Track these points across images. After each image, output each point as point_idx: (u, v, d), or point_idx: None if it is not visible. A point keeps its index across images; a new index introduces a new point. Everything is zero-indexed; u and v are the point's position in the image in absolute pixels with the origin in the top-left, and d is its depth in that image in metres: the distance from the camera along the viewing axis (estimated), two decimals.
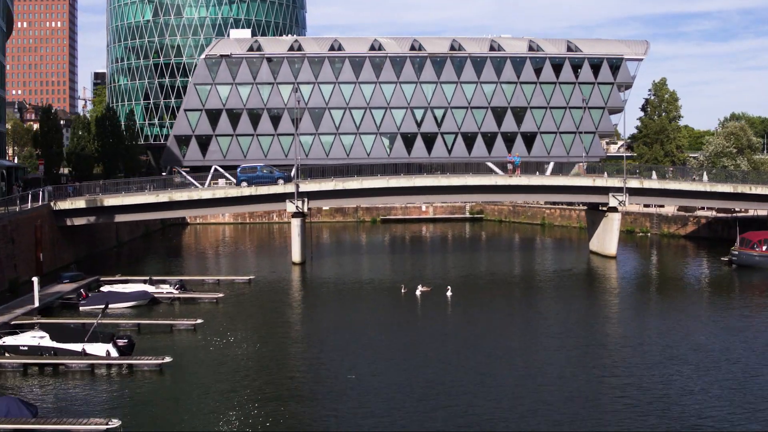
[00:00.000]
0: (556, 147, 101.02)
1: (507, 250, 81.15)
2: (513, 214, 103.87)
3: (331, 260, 72.73)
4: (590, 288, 56.41)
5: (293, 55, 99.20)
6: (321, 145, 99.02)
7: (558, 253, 76.41)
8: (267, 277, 61.15)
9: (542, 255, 75.20)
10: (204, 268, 67.98)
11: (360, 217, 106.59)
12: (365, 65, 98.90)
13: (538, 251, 78.31)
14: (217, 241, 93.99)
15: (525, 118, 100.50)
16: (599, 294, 53.42)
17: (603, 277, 60.44)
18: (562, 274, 61.42)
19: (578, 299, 51.27)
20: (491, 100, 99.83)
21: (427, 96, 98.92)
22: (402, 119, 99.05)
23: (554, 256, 73.48)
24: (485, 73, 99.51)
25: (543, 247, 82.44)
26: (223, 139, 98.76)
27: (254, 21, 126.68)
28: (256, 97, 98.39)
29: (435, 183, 66.34)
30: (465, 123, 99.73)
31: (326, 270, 65.65)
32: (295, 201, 65.92)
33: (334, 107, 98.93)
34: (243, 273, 60.47)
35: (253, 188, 67.45)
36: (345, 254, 78.96)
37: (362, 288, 56.28)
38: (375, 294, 53.31)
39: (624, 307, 48.90)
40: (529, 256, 74.24)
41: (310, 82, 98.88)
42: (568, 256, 73.93)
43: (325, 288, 57.17)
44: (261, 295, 53.32)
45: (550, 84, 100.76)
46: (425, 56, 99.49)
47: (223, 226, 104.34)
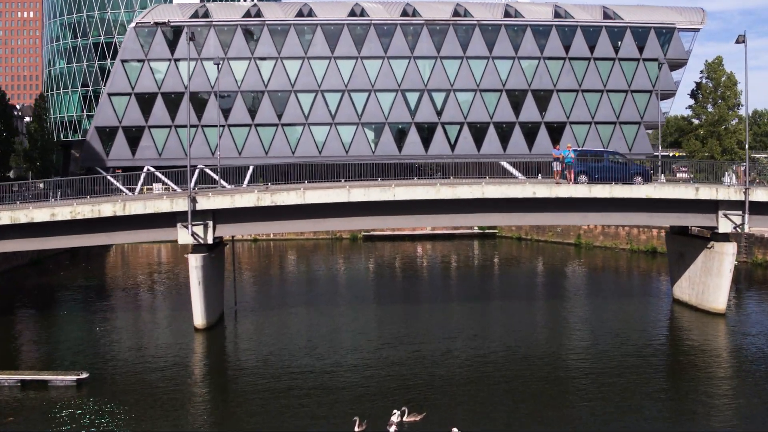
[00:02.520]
0: (590, 141, 74.68)
1: (533, 292, 48.70)
2: (536, 229, 73.44)
3: (269, 316, 40.23)
4: (699, 397, 26.61)
5: (249, 23, 73.15)
6: (285, 139, 72.73)
7: (615, 301, 44.10)
8: (124, 366, 30.82)
9: (590, 306, 42.66)
10: (33, 341, 36.13)
11: (335, 233, 77.38)
12: (343, 35, 72.79)
13: (580, 297, 45.78)
14: (116, 276, 58.54)
15: (550, 105, 73.85)
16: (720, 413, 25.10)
17: (718, 366, 30.39)
18: (641, 359, 30.78)
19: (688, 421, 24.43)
20: (507, 81, 73.31)
21: (423, 75, 72.54)
22: (391, 106, 72.67)
23: (611, 309, 41.38)
24: (499, 46, 73.11)
25: (586, 286, 49.96)
26: (158, 132, 72.70)
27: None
28: (201, 77, 72.19)
29: (431, 196, 34.38)
30: (473, 111, 73.08)
31: (251, 341, 35.34)
32: (189, 225, 34.43)
33: (302, 90, 72.44)
34: (83, 358, 31.41)
35: (119, 203, 34.99)
36: (297, 302, 44.32)
37: (301, 396, 26.47)
38: (325, 411, 25.20)
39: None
40: (570, 308, 41.78)
41: (271, 57, 72.60)
42: (633, 307, 42.22)
43: (230, 394, 27.79)
44: (76, 418, 24.48)
45: (583, 60, 74.24)
46: (421, 23, 73.38)
47: (158, 246, 78.60)
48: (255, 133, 71.81)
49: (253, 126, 71.73)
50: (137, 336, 36.57)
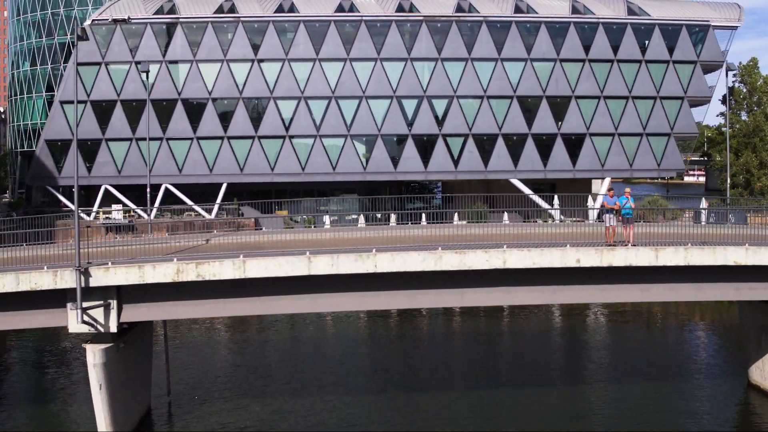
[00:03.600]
0: (614, 156, 63.49)
1: (553, 365, 35.24)
2: None
3: (214, 410, 28.08)
4: None
5: (222, 20, 61.99)
6: (263, 154, 61.30)
7: (661, 380, 31.32)
8: None
9: (616, 387, 30.81)
10: None
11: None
12: (329, 34, 61.39)
13: (605, 372, 33.44)
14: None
15: (567, 114, 62.32)
16: None
17: None
18: None
19: None
20: (518, 86, 61.97)
21: (422, 80, 61.14)
22: (384, 115, 61.19)
23: (654, 393, 29.39)
24: (509, 45, 61.67)
25: (613, 354, 37.17)
26: (117, 146, 61.54)
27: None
28: (166, 82, 60.95)
29: (429, 266, 23.14)
30: (479, 120, 61.65)
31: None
32: (79, 310, 22.90)
33: (282, 96, 60.81)
34: None
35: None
36: (257, 388, 31.13)
37: None
38: None
39: None
40: (597, 391, 30.01)
41: (247, 59, 61.36)
42: (692, 391, 30.43)
43: None
44: None
45: (605, 62, 62.83)
46: (419, 20, 61.97)
47: None
48: (228, 147, 60.57)
49: (226, 138, 60.49)
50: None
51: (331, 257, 22.44)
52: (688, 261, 23.52)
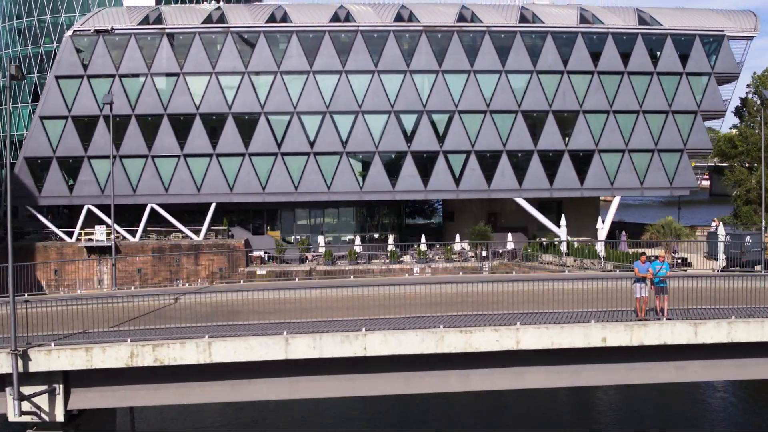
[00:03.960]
0: (624, 174, 59.58)
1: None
2: None
3: None
4: None
5: (211, 30, 58.19)
6: (253, 172, 57.41)
7: None
8: None
9: None
10: None
11: None
12: (323, 45, 57.53)
13: None
14: None
15: (575, 129, 58.20)
16: None
17: None
18: None
19: None
20: (523, 99, 57.88)
21: (421, 93, 57.04)
22: (382, 131, 57.10)
23: None
24: (513, 57, 57.55)
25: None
26: (100, 164, 57.62)
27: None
28: (151, 96, 57.38)
29: (428, 348, 19.29)
30: (482, 136, 57.70)
31: None
32: (15, 398, 19.07)
33: (274, 112, 56.98)
34: None
35: None
36: None
37: None
38: None
39: None
40: None
41: (237, 71, 57.44)
42: None
43: None
44: None
45: (614, 75, 58.73)
46: (419, 30, 57.89)
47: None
48: (217, 165, 56.73)
49: (215, 156, 56.68)
50: None
51: (312, 338, 18.78)
52: (732, 337, 19.85)
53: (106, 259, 57.79)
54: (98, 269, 56.88)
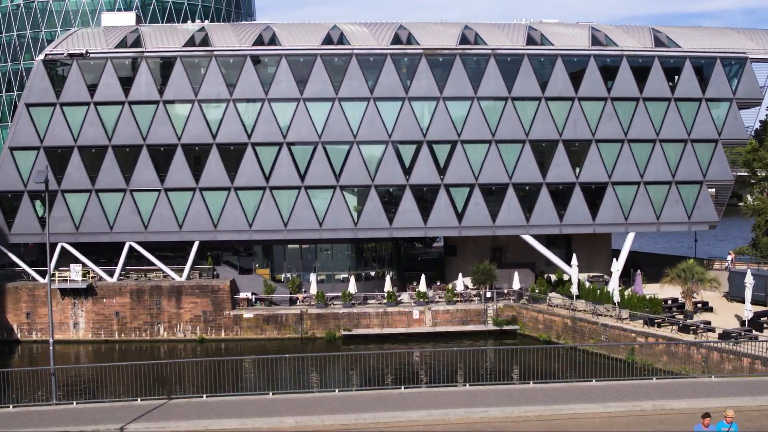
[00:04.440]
0: (639, 208, 54.37)
1: None
2: (572, 331, 47.38)
3: None
4: None
5: (193, 53, 53.37)
6: (240, 208, 52.48)
7: None
8: None
9: None
10: None
11: (306, 330, 50.18)
12: (315, 70, 52.37)
13: None
14: None
15: (587, 160, 53.27)
16: None
17: None
18: None
19: None
20: (530, 128, 52.65)
21: (421, 122, 51.76)
22: (378, 163, 52.08)
23: None
24: (521, 82, 52.23)
25: None
26: (75, 198, 52.93)
27: (172, 4, 78.96)
28: (129, 126, 52.52)
29: None
30: (487, 168, 52.57)
31: None
32: None
33: (261, 142, 51.81)
34: None
35: None
36: None
37: None
38: None
39: None
40: None
41: (221, 98, 52.65)
42: None
43: None
44: None
45: (629, 101, 53.62)
46: (418, 53, 52.83)
47: (77, 347, 51.28)
48: (200, 200, 51.82)
49: (198, 190, 51.83)
50: None
51: None
52: None
53: (81, 301, 53.12)
54: (73, 312, 52.07)
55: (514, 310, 52.40)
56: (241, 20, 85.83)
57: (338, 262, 54.74)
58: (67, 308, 51.78)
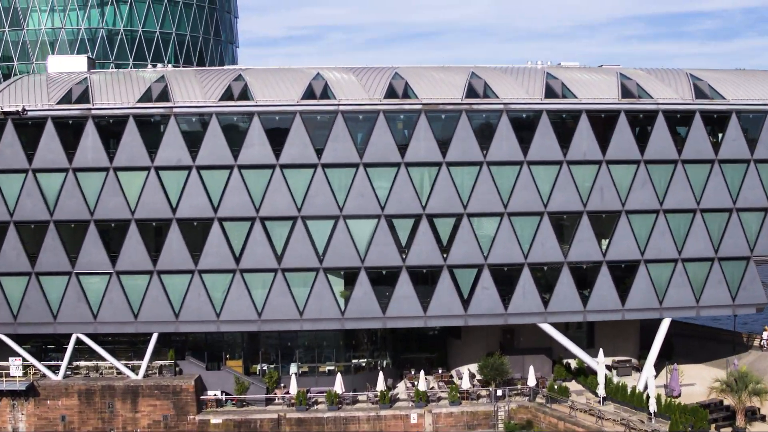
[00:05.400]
0: (676, 290, 44.11)
1: None
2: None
3: None
4: None
5: (149, 110, 43.56)
6: (205, 295, 42.67)
7: None
8: None
9: None
10: None
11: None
12: (294, 129, 41.78)
13: None
14: None
15: (616, 234, 43.24)
16: None
17: None
18: None
19: None
20: (550, 198, 42.92)
21: (420, 192, 41.93)
22: (369, 240, 42.04)
23: None
24: (539, 143, 41.91)
25: None
26: (12, 283, 42.63)
27: (142, 34, 68.91)
28: (75, 197, 42.64)
29: None
30: (498, 246, 42.57)
31: None
32: None
33: (230, 217, 41.88)
34: None
35: None
36: None
37: None
38: None
39: None
40: None
41: (182, 165, 42.38)
42: None
43: None
44: None
45: (665, 164, 43.94)
46: (417, 109, 43.14)
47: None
48: (158, 285, 41.90)
49: (156, 274, 42.45)
50: None
51: None
52: None
53: (21, 403, 43.96)
54: (12, 415, 42.91)
55: (529, 412, 43.01)
56: (222, 49, 75.35)
57: (323, 351, 45.30)
58: (5, 411, 42.48)
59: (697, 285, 44.19)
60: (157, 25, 67.44)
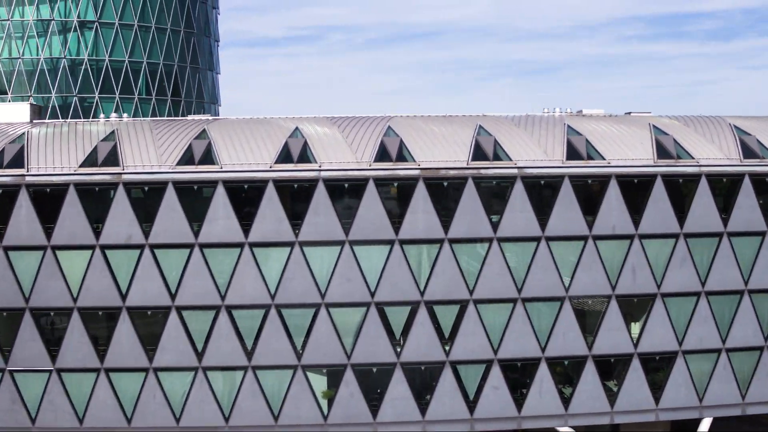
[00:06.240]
0: (719, 384, 35.35)
1: None
2: None
3: None
4: None
5: (92, 177, 34.77)
6: (162, 395, 35.18)
7: None
8: None
9: None
10: None
11: None
12: (266, 199, 34.05)
13: None
14: None
15: (650, 321, 34.71)
16: None
17: None
18: None
19: None
20: (572, 282, 34.41)
21: (418, 275, 33.82)
22: (357, 331, 33.90)
23: None
24: (559, 215, 33.72)
25: None
26: None
27: (108, 64, 57.29)
28: (5, 281, 32.89)
29: None
30: (510, 338, 34.13)
31: None
32: None
33: (190, 305, 33.63)
34: None
35: None
36: None
37: None
38: None
39: None
40: None
41: (132, 244, 33.92)
42: None
43: None
44: None
45: (709, 237, 36.52)
46: (414, 176, 35.15)
47: None
48: (106, 384, 33.94)
49: (103, 371, 34.40)
50: None
51: None
52: None
53: None
54: None
55: None
56: (201, 78, 66.50)
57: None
58: None
59: (743, 378, 36.19)
60: (126, 54, 59.30)
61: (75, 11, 56.39)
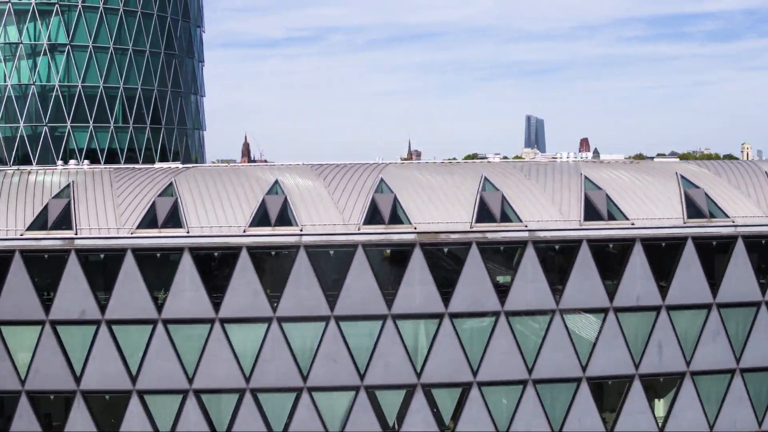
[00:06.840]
0: None
1: None
2: None
3: None
4: None
5: (43, 244, 29.66)
6: None
7: None
8: None
9: None
10: None
11: None
12: (240, 269, 28.58)
13: None
14: None
15: (678, 403, 29.26)
16: None
17: None
18: None
19: None
20: (590, 359, 29.51)
21: (413, 354, 28.66)
22: (345, 417, 28.66)
23: None
24: (575, 286, 28.74)
25: None
26: None
27: (81, 90, 51.54)
28: None
29: None
30: (520, 421, 28.89)
31: None
32: None
33: (154, 389, 28.33)
34: None
35: None
36: None
37: None
38: None
39: None
40: None
41: (87, 320, 28.97)
42: None
43: None
44: None
45: (745, 308, 32.12)
46: (410, 241, 29.41)
47: None
48: None
49: None
50: None
51: None
52: None
53: None
54: None
55: None
56: (183, 102, 60.98)
57: None
58: None
59: (760, 407, 31.96)
60: (101, 79, 54.18)
61: (45, 33, 51.07)
